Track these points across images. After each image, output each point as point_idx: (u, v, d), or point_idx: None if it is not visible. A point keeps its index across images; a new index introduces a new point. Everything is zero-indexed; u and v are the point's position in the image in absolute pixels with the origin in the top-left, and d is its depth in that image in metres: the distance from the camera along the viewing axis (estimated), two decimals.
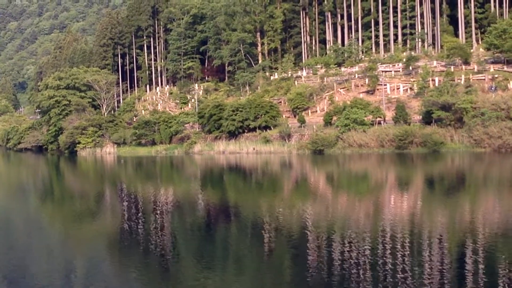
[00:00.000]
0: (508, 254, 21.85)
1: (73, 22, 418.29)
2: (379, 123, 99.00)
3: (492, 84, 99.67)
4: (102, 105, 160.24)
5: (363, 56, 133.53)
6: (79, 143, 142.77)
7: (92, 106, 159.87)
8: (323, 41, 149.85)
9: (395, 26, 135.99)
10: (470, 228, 27.64)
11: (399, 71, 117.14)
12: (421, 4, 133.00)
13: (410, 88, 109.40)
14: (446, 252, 22.76)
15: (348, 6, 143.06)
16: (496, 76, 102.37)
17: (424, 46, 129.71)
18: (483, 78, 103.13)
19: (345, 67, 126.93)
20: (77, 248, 27.78)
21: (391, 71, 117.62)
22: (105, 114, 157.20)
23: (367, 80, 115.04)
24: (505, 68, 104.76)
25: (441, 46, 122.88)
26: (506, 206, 34.95)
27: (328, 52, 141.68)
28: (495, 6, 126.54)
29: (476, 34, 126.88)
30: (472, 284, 18.01)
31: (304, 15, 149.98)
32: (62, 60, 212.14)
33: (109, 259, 25.12)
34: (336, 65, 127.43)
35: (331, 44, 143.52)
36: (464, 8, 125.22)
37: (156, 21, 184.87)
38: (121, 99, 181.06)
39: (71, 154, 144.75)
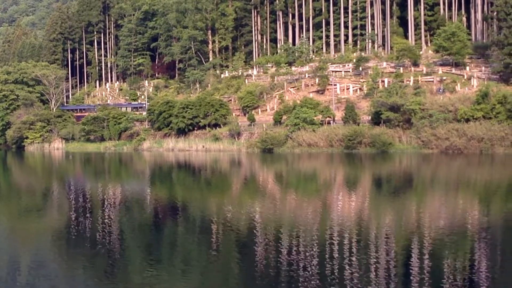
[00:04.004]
0: (454, 251, 22.18)
1: (23, 15, 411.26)
2: (329, 122, 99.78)
3: (440, 86, 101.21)
4: (51, 100, 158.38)
5: (313, 56, 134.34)
6: (26, 138, 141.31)
7: (41, 101, 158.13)
8: (274, 40, 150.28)
9: (346, 27, 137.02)
10: (416, 227, 27.96)
11: (349, 71, 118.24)
12: (371, 5, 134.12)
13: (360, 89, 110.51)
14: (393, 250, 22.98)
15: (300, 6, 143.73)
16: (444, 78, 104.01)
17: (374, 47, 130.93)
18: (432, 80, 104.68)
19: (296, 67, 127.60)
20: (23, 244, 27.40)
21: (341, 71, 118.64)
22: (54, 109, 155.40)
23: (317, 79, 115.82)
24: (453, 71, 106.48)
25: (391, 48, 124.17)
26: (451, 206, 35.47)
27: (279, 51, 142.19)
28: (444, 9, 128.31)
29: (425, 36, 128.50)
30: (418, 281, 18.22)
31: (255, 14, 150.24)
32: (10, 54, 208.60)
33: (55, 255, 24.80)
34: (287, 64, 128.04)
35: (282, 43, 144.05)
36: (414, 10, 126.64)
37: (107, 17, 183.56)
38: (70, 94, 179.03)
39: (18, 149, 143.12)
